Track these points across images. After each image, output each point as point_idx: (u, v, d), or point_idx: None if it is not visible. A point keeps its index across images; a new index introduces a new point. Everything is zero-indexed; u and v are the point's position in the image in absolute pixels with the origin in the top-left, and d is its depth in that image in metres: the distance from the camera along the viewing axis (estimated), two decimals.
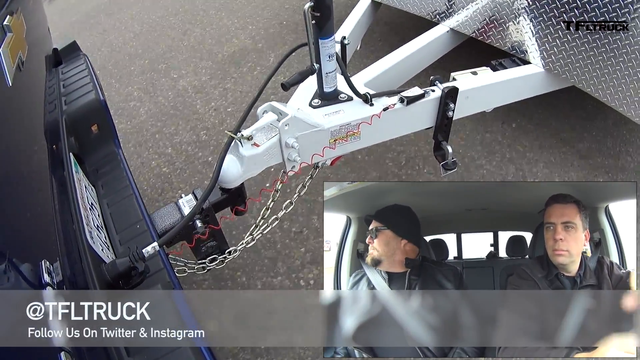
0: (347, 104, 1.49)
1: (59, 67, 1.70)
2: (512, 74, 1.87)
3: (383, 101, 1.50)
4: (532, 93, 1.98)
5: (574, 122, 2.55)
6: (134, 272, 1.00)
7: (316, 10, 1.26)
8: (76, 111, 1.44)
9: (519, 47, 1.97)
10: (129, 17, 4.48)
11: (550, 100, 2.35)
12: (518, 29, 1.95)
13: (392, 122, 1.54)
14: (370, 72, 1.81)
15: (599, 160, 2.35)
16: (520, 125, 2.55)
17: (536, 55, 1.92)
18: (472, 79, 1.76)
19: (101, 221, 1.23)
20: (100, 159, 1.44)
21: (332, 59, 1.39)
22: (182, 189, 2.47)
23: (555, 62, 1.88)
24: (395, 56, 1.92)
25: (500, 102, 1.87)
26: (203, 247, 1.37)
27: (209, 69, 3.42)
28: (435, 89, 1.60)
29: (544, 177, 2.28)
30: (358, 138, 1.48)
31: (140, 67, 3.63)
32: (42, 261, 0.85)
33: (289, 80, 1.33)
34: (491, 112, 1.89)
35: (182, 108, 3.08)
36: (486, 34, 2.06)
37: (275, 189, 1.46)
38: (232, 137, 1.27)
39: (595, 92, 1.84)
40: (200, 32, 3.94)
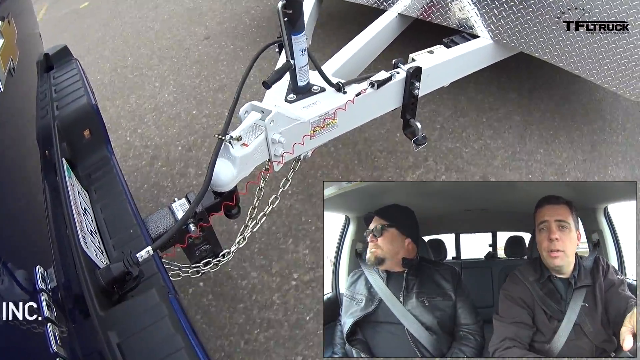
0: (321, 94, 1.56)
1: (51, 72, 1.69)
2: (466, 49, 1.99)
3: (354, 88, 1.58)
4: (487, 63, 2.15)
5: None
6: (129, 277, 1.00)
7: (288, 7, 1.32)
8: (68, 116, 1.43)
9: (466, 23, 2.11)
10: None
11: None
12: (460, 7, 2.10)
13: (365, 106, 1.61)
14: (334, 63, 1.90)
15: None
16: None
17: (483, 29, 2.08)
18: (430, 57, 1.86)
19: (95, 226, 1.23)
20: (92, 163, 1.43)
21: (304, 53, 1.45)
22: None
23: (503, 33, 2.04)
24: (354, 45, 2.02)
25: (459, 75, 1.99)
26: (197, 251, 1.38)
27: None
28: (399, 71, 1.68)
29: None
30: (335, 126, 1.55)
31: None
32: (37, 267, 0.85)
33: (270, 79, 1.36)
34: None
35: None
36: (434, 15, 2.20)
37: (260, 187, 1.50)
38: (222, 140, 1.28)
39: (543, 56, 2.02)
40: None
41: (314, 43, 2.39)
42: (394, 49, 2.27)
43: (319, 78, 1.55)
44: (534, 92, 2.82)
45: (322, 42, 3.25)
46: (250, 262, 2.05)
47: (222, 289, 1.96)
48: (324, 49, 3.08)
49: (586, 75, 1.98)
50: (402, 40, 2.37)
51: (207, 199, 1.36)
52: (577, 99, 2.76)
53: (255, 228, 1.49)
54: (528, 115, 2.67)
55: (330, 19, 3.44)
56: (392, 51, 2.23)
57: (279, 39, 1.49)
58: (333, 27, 3.42)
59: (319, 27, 2.56)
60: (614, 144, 2.48)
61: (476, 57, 2.06)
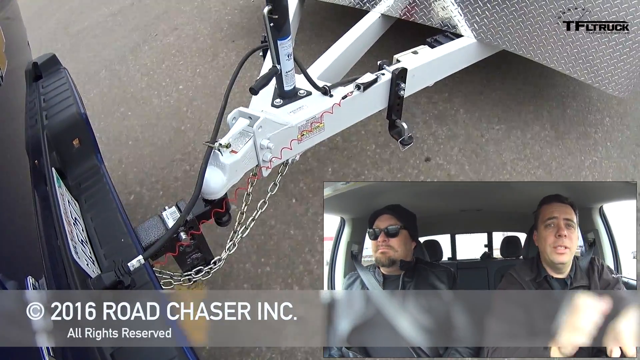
0: (307, 98, 1.57)
1: (39, 81, 1.69)
2: (450, 48, 2.03)
3: (340, 91, 1.59)
4: (471, 62, 2.19)
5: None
6: (120, 286, 1.01)
7: (274, 12, 1.32)
8: (57, 125, 1.43)
9: (449, 22, 2.15)
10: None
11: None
12: (442, 6, 2.14)
13: (352, 109, 1.64)
14: (319, 66, 1.92)
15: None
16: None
17: (466, 28, 2.11)
18: (415, 58, 1.88)
19: (85, 236, 1.23)
20: (82, 173, 1.43)
21: (290, 58, 1.46)
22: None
23: (486, 31, 2.10)
24: (338, 47, 2.04)
25: (443, 74, 2.03)
26: (188, 259, 1.38)
27: None
28: (385, 72, 1.70)
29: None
30: (322, 129, 1.56)
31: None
32: (28, 277, 0.85)
33: (257, 85, 1.37)
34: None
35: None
36: (416, 15, 2.24)
37: (247, 193, 1.51)
38: (211, 147, 1.29)
39: (527, 53, 2.08)
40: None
41: (297, 46, 2.40)
42: (379, 49, 2.31)
43: (305, 82, 1.57)
44: (529, 92, 2.85)
45: (305, 44, 3.26)
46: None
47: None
48: (308, 51, 3.10)
49: (569, 72, 2.05)
50: (386, 40, 2.40)
51: (197, 206, 1.37)
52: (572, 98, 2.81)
53: (245, 233, 1.50)
54: (520, 116, 2.69)
55: (313, 20, 3.47)
56: (377, 51, 2.28)
57: (263, 43, 1.51)
58: (315, 28, 3.44)
59: (301, 30, 2.57)
60: (605, 143, 2.52)
61: (460, 56, 2.10)
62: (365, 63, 2.11)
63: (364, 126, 2.62)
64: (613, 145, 2.51)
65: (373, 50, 2.28)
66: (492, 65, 2.75)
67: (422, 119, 2.68)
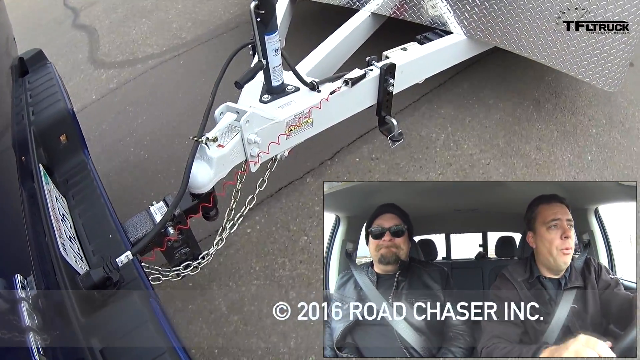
0: (295, 94, 1.58)
1: (26, 77, 1.68)
2: (439, 45, 2.03)
3: (328, 86, 1.60)
4: (461, 59, 2.20)
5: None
6: (109, 282, 1.02)
7: (261, 7, 1.33)
8: (44, 121, 1.43)
9: (439, 19, 2.15)
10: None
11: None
12: (432, 4, 2.14)
13: (340, 104, 1.64)
14: (308, 63, 1.92)
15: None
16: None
17: (456, 25, 2.11)
18: (404, 54, 1.89)
19: (73, 232, 1.24)
20: (70, 169, 1.43)
21: (277, 53, 1.46)
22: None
23: (476, 28, 2.09)
24: (328, 45, 2.05)
25: (432, 71, 2.04)
26: (176, 254, 1.39)
27: None
28: (373, 68, 1.71)
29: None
30: (311, 125, 1.57)
31: None
32: (16, 275, 0.86)
33: (242, 79, 1.38)
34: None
35: None
36: (406, 13, 2.24)
37: (236, 189, 1.52)
38: (198, 142, 1.29)
39: (517, 49, 2.08)
40: None
41: (288, 43, 2.39)
42: (370, 47, 2.28)
43: (293, 78, 1.57)
44: (523, 92, 2.87)
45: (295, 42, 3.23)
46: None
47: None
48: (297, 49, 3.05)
49: (559, 68, 2.07)
50: (376, 39, 2.39)
51: (185, 201, 1.37)
52: (569, 97, 2.83)
53: (233, 229, 1.52)
54: (515, 115, 2.72)
55: (303, 19, 3.44)
56: (367, 49, 2.24)
57: (252, 40, 1.51)
58: (306, 27, 3.41)
59: (292, 28, 2.56)
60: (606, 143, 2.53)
61: (450, 52, 2.11)
62: (355, 61, 2.10)
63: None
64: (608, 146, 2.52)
65: (363, 49, 2.28)
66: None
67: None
